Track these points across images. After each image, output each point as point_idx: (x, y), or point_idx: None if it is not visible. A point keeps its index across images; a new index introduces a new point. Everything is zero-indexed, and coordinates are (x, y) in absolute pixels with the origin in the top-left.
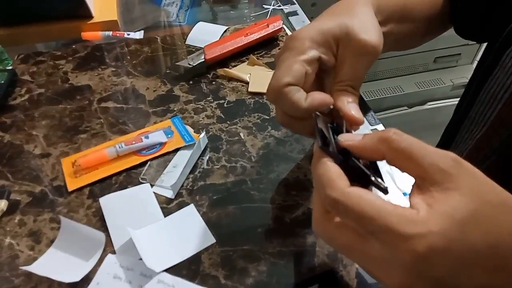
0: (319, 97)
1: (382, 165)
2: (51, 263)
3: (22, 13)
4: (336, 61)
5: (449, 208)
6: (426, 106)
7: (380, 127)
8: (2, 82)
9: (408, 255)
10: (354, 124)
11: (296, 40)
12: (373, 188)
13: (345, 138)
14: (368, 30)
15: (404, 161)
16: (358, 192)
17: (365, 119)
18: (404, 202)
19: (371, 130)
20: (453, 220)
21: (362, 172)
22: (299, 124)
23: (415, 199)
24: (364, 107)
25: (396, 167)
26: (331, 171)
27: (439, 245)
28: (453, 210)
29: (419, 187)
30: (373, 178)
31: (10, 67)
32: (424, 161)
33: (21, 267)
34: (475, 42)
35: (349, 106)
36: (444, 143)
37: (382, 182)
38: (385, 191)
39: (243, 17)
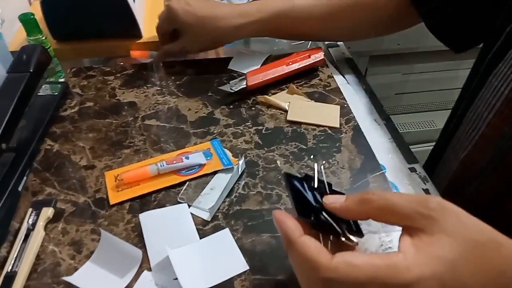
0: None
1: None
2: (89, 275)
3: (79, 30)
4: None
5: (437, 249)
6: None
7: (418, 166)
8: (56, 93)
9: None
10: None
11: None
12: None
13: (329, 201)
14: None
15: (388, 216)
16: (343, 261)
17: (402, 157)
18: None
19: (409, 168)
20: (443, 261)
21: (333, 228)
22: None
23: (404, 243)
24: (403, 145)
25: (382, 222)
26: (310, 250)
27: None
28: (442, 251)
29: (408, 231)
30: (342, 237)
31: (62, 80)
32: (406, 212)
33: (62, 278)
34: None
35: None
36: (430, 165)
37: (351, 237)
38: (354, 244)
39: (282, 45)
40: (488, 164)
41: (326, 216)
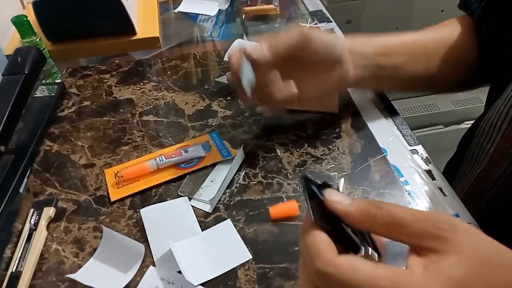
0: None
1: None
2: (93, 272)
3: (73, 31)
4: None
5: (446, 268)
6: (462, 125)
7: (420, 148)
8: (52, 94)
9: None
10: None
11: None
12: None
13: (332, 198)
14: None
15: (394, 234)
16: (347, 261)
17: (404, 140)
18: None
19: (410, 150)
20: (451, 280)
21: (351, 239)
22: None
23: (412, 261)
24: (404, 127)
25: (387, 238)
26: (319, 241)
27: None
28: (450, 270)
29: (415, 250)
30: (362, 249)
31: (59, 80)
32: (415, 231)
33: (66, 275)
34: None
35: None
36: (446, 179)
37: (372, 251)
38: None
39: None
40: (500, 176)
41: (345, 227)
